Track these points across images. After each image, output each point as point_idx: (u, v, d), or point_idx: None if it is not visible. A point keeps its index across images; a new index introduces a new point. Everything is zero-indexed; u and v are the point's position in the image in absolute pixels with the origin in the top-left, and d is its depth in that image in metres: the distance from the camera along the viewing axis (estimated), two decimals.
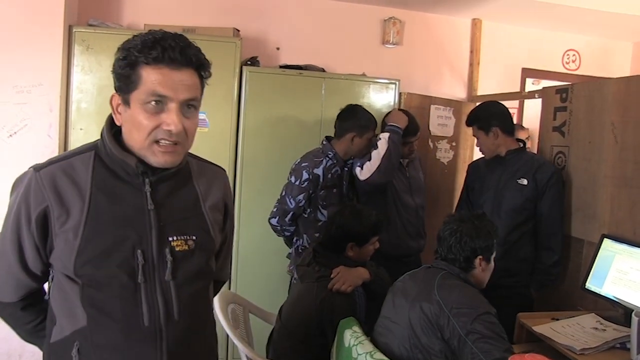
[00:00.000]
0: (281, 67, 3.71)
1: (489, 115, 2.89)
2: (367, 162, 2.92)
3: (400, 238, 3.06)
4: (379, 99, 3.71)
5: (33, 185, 1.26)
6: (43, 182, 1.25)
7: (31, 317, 1.40)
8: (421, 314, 1.91)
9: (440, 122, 4.12)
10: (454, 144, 4.22)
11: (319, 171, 2.95)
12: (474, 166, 3.19)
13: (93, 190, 1.26)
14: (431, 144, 4.09)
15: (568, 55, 4.88)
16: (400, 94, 3.80)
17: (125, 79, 1.24)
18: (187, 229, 1.33)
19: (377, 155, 2.89)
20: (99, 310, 1.24)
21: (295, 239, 3.08)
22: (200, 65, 1.27)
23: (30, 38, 3.07)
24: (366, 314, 2.33)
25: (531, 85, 4.81)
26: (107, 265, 1.23)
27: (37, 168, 1.28)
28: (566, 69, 4.87)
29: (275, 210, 3.02)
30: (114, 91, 1.30)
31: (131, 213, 1.27)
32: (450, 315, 1.85)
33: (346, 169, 3.08)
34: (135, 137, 1.25)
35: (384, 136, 2.95)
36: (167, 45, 1.21)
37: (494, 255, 2.11)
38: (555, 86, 3.14)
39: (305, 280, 2.38)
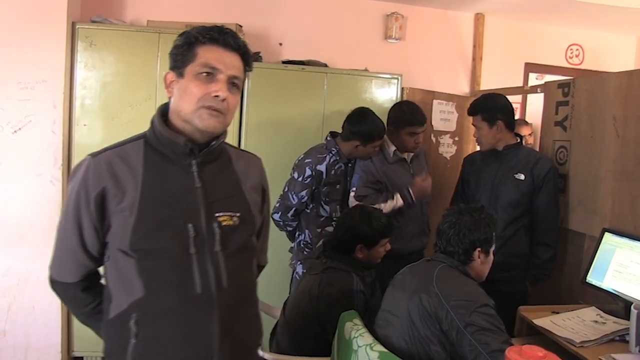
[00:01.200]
0: (284, 62, 3.72)
1: (496, 108, 2.88)
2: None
3: (404, 237, 3.03)
4: (382, 94, 3.71)
5: (91, 169, 1.38)
6: (100, 166, 1.38)
7: (90, 299, 1.51)
8: (420, 306, 1.92)
9: (442, 117, 4.12)
10: (456, 138, 4.22)
11: (322, 167, 2.95)
12: (469, 159, 3.19)
13: (145, 172, 1.39)
14: (434, 139, 4.09)
15: (571, 49, 4.86)
16: (402, 89, 3.79)
17: (182, 56, 1.41)
18: (232, 206, 1.46)
19: (378, 205, 2.88)
20: (155, 280, 1.36)
21: (297, 233, 3.10)
22: (245, 54, 1.46)
23: (33, 35, 3.09)
24: (364, 314, 2.33)
25: (535, 80, 4.79)
26: (162, 238, 1.36)
27: (94, 155, 1.41)
28: (570, 63, 4.86)
29: (277, 205, 3.03)
30: (168, 70, 1.46)
31: (181, 191, 1.41)
32: (449, 308, 1.86)
33: (350, 165, 3.08)
34: (186, 102, 1.40)
35: (397, 198, 2.95)
36: (222, 30, 1.42)
37: (493, 248, 2.12)
38: (557, 80, 3.14)
39: (311, 272, 2.40)
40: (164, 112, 1.47)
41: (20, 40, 3.08)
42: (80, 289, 1.50)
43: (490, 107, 2.87)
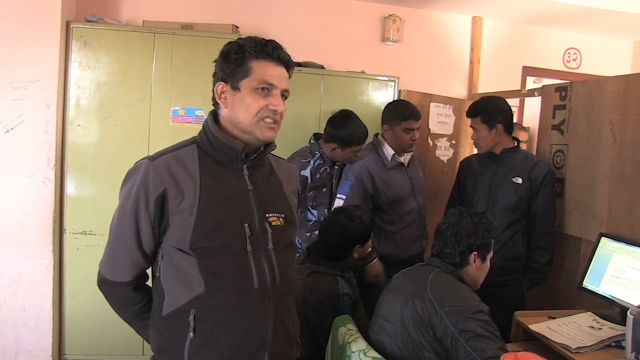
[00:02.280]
0: None
1: (496, 111, 2.85)
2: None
3: (404, 242, 3.02)
4: (379, 96, 3.69)
5: (152, 172, 1.46)
6: (160, 169, 1.46)
7: (140, 298, 1.59)
8: (414, 312, 1.90)
9: (440, 119, 4.11)
10: (453, 141, 4.20)
11: (306, 173, 2.93)
12: (465, 163, 3.17)
13: (202, 175, 1.48)
14: (431, 142, 4.08)
15: (569, 53, 4.86)
16: (399, 91, 3.78)
17: (235, 70, 1.49)
18: (278, 208, 1.58)
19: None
20: (215, 277, 1.43)
21: None
22: (291, 67, 1.57)
23: (27, 33, 3.06)
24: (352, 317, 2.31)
25: (532, 83, 4.79)
26: (221, 237, 1.45)
27: (152, 158, 1.49)
28: (567, 67, 4.86)
29: None
30: (219, 82, 1.53)
31: (235, 193, 1.50)
32: (443, 314, 1.83)
33: (336, 166, 3.06)
34: (245, 115, 1.49)
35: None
36: (275, 46, 1.51)
37: (490, 254, 2.10)
38: (554, 84, 3.13)
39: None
40: (216, 118, 1.56)
41: (14, 39, 3.05)
42: (131, 288, 1.56)
43: (491, 110, 2.85)
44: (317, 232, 2.94)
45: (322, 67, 3.79)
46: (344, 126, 2.94)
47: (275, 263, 1.51)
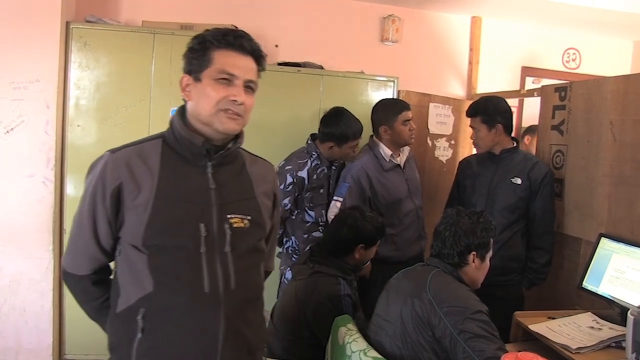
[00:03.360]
0: (279, 64, 3.69)
1: (496, 111, 2.86)
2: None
3: (404, 244, 3.01)
4: (378, 96, 3.68)
5: (110, 165, 1.42)
6: (119, 162, 1.43)
7: (100, 293, 1.55)
8: (413, 312, 1.90)
9: (439, 120, 4.11)
10: (452, 142, 4.21)
11: (303, 174, 2.92)
12: (464, 163, 3.17)
13: (162, 170, 1.43)
14: (430, 142, 4.08)
15: (568, 53, 4.86)
16: (399, 91, 3.78)
17: (198, 60, 1.45)
18: (244, 209, 1.50)
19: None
20: (165, 277, 1.39)
21: (284, 240, 3.07)
22: (259, 57, 1.50)
23: (27, 34, 3.06)
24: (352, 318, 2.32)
25: (531, 84, 4.78)
26: (173, 236, 1.40)
27: (113, 151, 1.45)
28: (566, 67, 4.85)
29: None
30: (183, 74, 1.50)
31: (195, 191, 1.44)
32: (442, 314, 1.84)
33: (334, 167, 3.06)
34: (204, 106, 1.43)
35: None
36: (237, 35, 1.46)
37: (489, 254, 2.10)
38: (554, 84, 3.14)
39: (297, 278, 2.38)
40: (182, 113, 1.51)
41: (14, 39, 3.05)
42: (91, 282, 1.53)
43: (491, 110, 2.86)
44: (314, 233, 2.95)
45: (321, 68, 3.79)
46: (337, 123, 2.95)
47: (232, 267, 1.44)
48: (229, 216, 1.46)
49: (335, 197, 2.94)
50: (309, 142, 3.05)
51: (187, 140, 1.46)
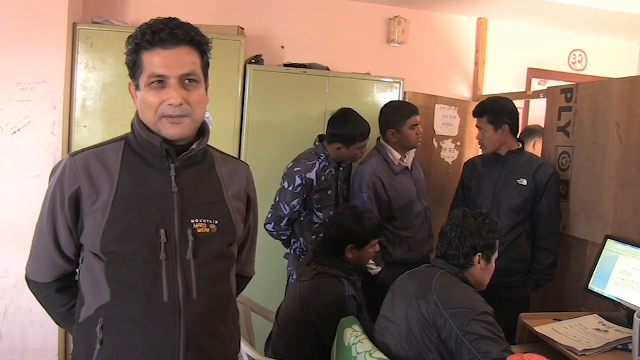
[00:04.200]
0: (285, 65, 3.70)
1: (503, 112, 2.86)
2: None
3: (417, 245, 3.03)
4: (384, 98, 3.69)
5: (68, 169, 1.36)
6: (77, 166, 1.36)
7: (65, 300, 1.48)
8: (419, 314, 1.90)
9: (445, 121, 4.10)
10: (458, 143, 4.20)
11: (312, 175, 2.92)
12: (470, 164, 3.17)
13: (122, 174, 1.36)
14: (436, 144, 4.07)
15: (574, 55, 4.84)
16: (405, 93, 3.78)
17: (132, 66, 1.37)
18: (210, 213, 1.41)
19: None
20: (121, 285, 1.31)
21: (292, 241, 3.07)
22: (193, 41, 1.36)
23: (34, 35, 3.08)
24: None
25: (537, 85, 4.77)
26: (131, 243, 1.32)
27: (73, 154, 1.39)
28: (572, 69, 4.84)
29: (270, 216, 2.99)
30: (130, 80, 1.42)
31: (157, 195, 1.36)
32: (448, 316, 1.83)
33: (341, 168, 3.06)
34: (147, 115, 1.35)
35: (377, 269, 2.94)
36: (157, 29, 1.32)
37: (495, 255, 2.09)
38: (560, 86, 3.13)
39: (302, 279, 2.38)
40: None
41: (21, 40, 3.06)
42: (54, 289, 1.47)
43: (498, 111, 2.86)
44: (322, 234, 2.95)
45: (328, 69, 3.79)
46: (345, 124, 2.94)
47: (194, 276, 1.35)
48: (192, 221, 1.37)
49: None
50: (317, 143, 3.05)
51: (146, 141, 1.37)
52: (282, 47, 4.04)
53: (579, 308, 2.70)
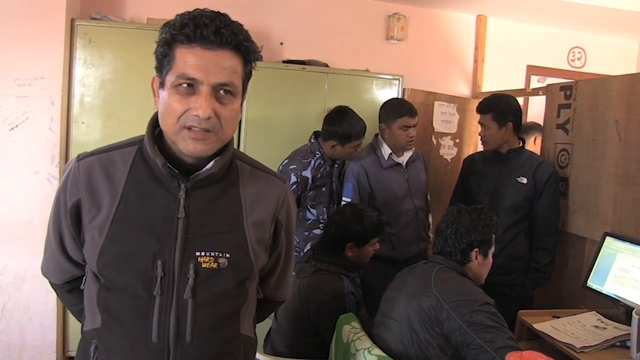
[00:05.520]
0: (284, 62, 3.70)
1: (508, 110, 2.85)
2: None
3: (401, 244, 3.01)
4: (383, 94, 3.68)
5: (71, 176, 1.22)
6: (79, 174, 1.21)
7: (77, 300, 1.37)
8: (419, 309, 1.90)
9: (444, 118, 4.10)
10: (457, 140, 4.20)
11: (307, 173, 2.92)
12: (469, 160, 3.17)
13: (126, 189, 1.19)
14: (434, 141, 4.07)
15: (574, 52, 4.85)
16: (404, 89, 3.77)
17: (161, 60, 1.16)
18: (221, 244, 1.21)
19: None
20: (110, 316, 1.19)
21: None
22: (239, 46, 1.16)
23: (32, 31, 3.06)
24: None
25: (536, 82, 4.77)
26: (125, 271, 1.17)
27: (80, 158, 1.24)
28: (572, 66, 4.84)
29: None
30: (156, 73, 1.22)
31: (159, 219, 1.18)
32: (449, 309, 1.83)
33: (336, 165, 3.05)
34: (167, 121, 1.15)
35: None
36: (200, 23, 1.12)
37: (492, 250, 2.09)
38: (559, 83, 3.13)
39: (300, 276, 2.38)
40: (156, 122, 1.23)
41: (19, 36, 3.05)
42: (65, 290, 1.40)
43: (504, 108, 2.85)
44: (315, 231, 2.96)
45: (326, 66, 3.79)
46: (341, 122, 2.93)
47: (189, 317, 1.17)
48: (197, 254, 1.18)
49: (343, 198, 2.97)
50: (312, 140, 3.04)
51: (151, 157, 1.19)
52: (281, 44, 4.03)
53: (577, 305, 2.70)
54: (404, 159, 3.08)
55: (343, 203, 2.94)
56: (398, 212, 2.99)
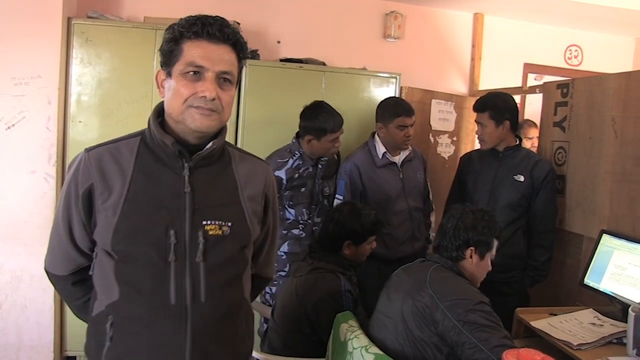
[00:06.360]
0: (281, 60, 3.69)
1: (505, 108, 2.85)
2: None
3: (394, 243, 3.01)
4: (380, 93, 3.68)
5: (82, 165, 1.36)
6: (90, 162, 1.36)
7: (81, 293, 1.50)
8: (414, 308, 1.90)
9: (441, 116, 4.11)
10: (454, 138, 4.20)
11: (281, 174, 2.89)
12: (466, 158, 3.17)
13: (135, 172, 1.35)
14: (432, 139, 4.08)
15: (570, 50, 4.85)
16: (401, 88, 3.77)
17: (169, 53, 1.35)
18: (223, 215, 1.38)
19: None
20: (129, 285, 1.31)
21: None
22: (236, 43, 1.38)
23: (28, 30, 3.05)
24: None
25: (533, 80, 4.78)
26: (140, 243, 1.31)
27: (88, 149, 1.39)
28: (568, 64, 4.85)
29: None
30: (160, 68, 1.40)
31: (168, 195, 1.35)
32: (444, 308, 1.84)
33: (320, 165, 3.02)
34: (174, 103, 1.34)
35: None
36: (207, 22, 1.34)
37: (491, 253, 2.09)
38: (556, 81, 3.14)
39: (297, 274, 2.38)
40: (160, 111, 1.42)
41: (15, 35, 3.04)
42: (70, 282, 1.49)
43: (501, 107, 2.85)
44: (293, 230, 2.95)
45: (324, 64, 3.79)
46: (316, 116, 2.91)
47: (203, 279, 1.33)
48: (204, 223, 1.35)
49: (336, 196, 2.98)
50: (294, 140, 3.02)
51: (160, 140, 1.36)
52: (278, 42, 4.03)
53: (574, 302, 2.71)
54: (399, 158, 3.07)
55: (336, 201, 2.94)
56: (391, 212, 2.99)
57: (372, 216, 2.47)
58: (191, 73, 1.32)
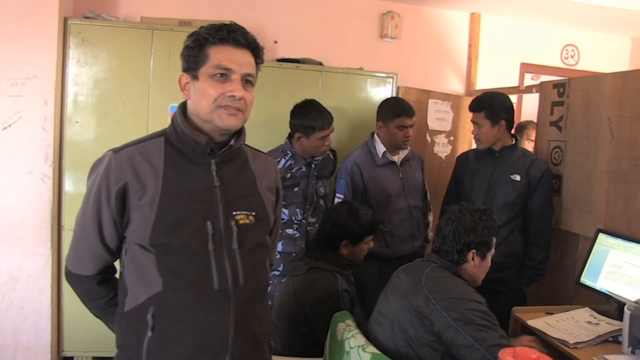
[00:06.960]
0: (278, 60, 3.69)
1: (501, 107, 2.86)
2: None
3: (394, 242, 3.02)
4: (377, 93, 3.69)
5: (113, 165, 1.42)
6: (122, 162, 1.42)
7: (105, 292, 1.56)
8: (410, 308, 1.90)
9: (438, 116, 4.11)
10: (451, 138, 4.21)
11: None
12: (462, 158, 3.17)
13: (166, 169, 1.44)
14: (429, 138, 4.08)
15: (567, 50, 4.86)
16: (398, 88, 3.78)
17: (194, 58, 1.45)
18: (248, 205, 1.51)
19: None
20: (174, 276, 1.39)
21: None
22: (256, 49, 1.50)
23: (24, 30, 3.04)
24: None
25: (530, 80, 4.78)
26: (180, 235, 1.40)
27: (116, 150, 1.45)
28: (565, 64, 4.86)
29: None
30: (182, 72, 1.50)
31: (200, 189, 1.45)
32: (440, 308, 1.84)
33: (313, 165, 3.01)
34: (203, 104, 1.43)
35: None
36: (231, 29, 1.45)
37: (490, 252, 2.09)
38: (552, 81, 3.14)
39: (295, 274, 2.39)
40: (184, 111, 1.51)
41: (11, 35, 3.03)
42: (96, 282, 1.54)
43: (497, 106, 2.86)
44: (287, 230, 2.95)
45: (321, 64, 3.79)
46: (304, 114, 2.92)
47: (240, 264, 1.45)
48: (234, 213, 1.47)
49: (336, 195, 2.98)
50: (286, 140, 3.02)
51: (190, 139, 1.45)
52: (275, 42, 4.02)
53: (570, 301, 2.72)
54: (398, 157, 3.08)
55: (336, 200, 2.94)
56: (392, 210, 3.00)
57: (369, 216, 2.47)
58: (218, 75, 1.43)
